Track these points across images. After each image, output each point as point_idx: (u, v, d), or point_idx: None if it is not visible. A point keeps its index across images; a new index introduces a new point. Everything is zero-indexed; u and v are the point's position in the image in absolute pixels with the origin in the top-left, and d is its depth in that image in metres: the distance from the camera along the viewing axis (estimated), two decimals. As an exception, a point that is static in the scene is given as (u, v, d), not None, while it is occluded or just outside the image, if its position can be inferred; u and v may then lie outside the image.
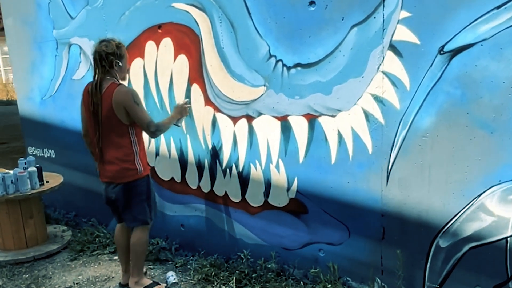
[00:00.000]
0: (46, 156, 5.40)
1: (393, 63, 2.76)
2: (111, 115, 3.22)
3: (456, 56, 2.55)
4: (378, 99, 2.86)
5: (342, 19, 2.90)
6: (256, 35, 3.29)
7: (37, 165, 4.41)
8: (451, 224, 2.76)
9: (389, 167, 2.92)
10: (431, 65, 2.63)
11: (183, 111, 3.57)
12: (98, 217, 4.87)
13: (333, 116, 3.07)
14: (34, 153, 5.55)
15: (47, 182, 4.48)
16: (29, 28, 5.08)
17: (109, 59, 3.23)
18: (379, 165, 2.95)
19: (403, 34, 2.69)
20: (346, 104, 3.00)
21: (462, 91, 2.57)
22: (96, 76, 3.27)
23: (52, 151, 5.30)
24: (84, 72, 4.59)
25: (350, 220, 3.18)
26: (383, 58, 2.79)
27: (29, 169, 4.28)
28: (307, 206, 3.36)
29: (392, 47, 2.74)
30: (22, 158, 4.55)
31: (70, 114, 4.84)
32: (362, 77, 2.89)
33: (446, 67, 2.59)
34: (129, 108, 3.20)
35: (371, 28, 2.80)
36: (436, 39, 2.60)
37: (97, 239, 4.46)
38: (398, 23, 2.70)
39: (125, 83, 3.53)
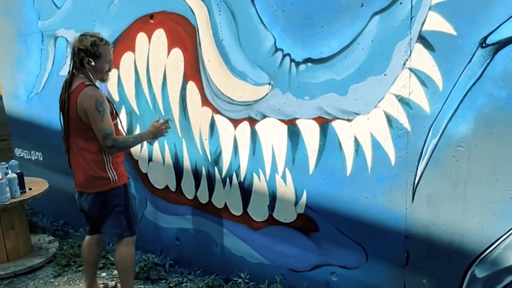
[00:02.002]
0: (33, 159, 4.99)
1: (422, 58, 2.30)
2: (76, 117, 2.90)
3: (502, 49, 2.09)
4: (404, 101, 2.40)
5: (361, 6, 2.44)
6: (260, 25, 2.84)
7: (18, 171, 3.98)
8: (491, 251, 2.31)
9: (416, 181, 2.46)
10: (469, 61, 2.17)
11: (158, 133, 3.10)
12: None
13: (349, 120, 2.62)
14: (21, 155, 5.15)
15: (30, 189, 4.06)
16: (13, 19, 4.66)
17: (80, 55, 2.86)
18: (403, 179, 2.50)
19: (435, 23, 2.23)
20: (365, 107, 2.54)
21: (508, 92, 2.10)
22: (70, 71, 2.94)
23: (40, 153, 4.90)
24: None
25: (368, 241, 2.73)
26: (411, 52, 2.33)
27: (9, 175, 3.86)
28: (318, 223, 2.91)
29: (422, 39, 2.28)
30: (4, 163, 4.14)
31: (57, 114, 4.40)
32: (385, 74, 2.43)
33: (488, 63, 2.13)
34: (89, 114, 2.82)
35: (396, 16, 2.34)
36: (476, 29, 2.13)
37: (84, 253, 4.04)
38: (429, 9, 2.24)
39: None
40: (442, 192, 2.39)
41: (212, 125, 3.26)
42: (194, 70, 3.25)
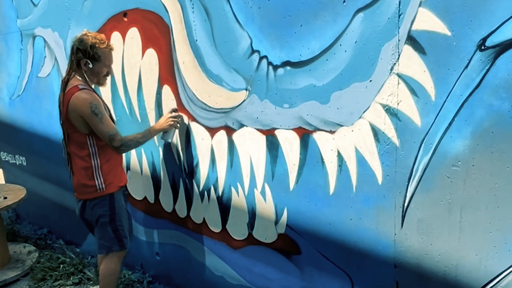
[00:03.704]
0: (18, 164, 4.78)
1: (412, 63, 1.97)
2: (67, 121, 2.75)
3: (504, 53, 1.74)
4: (391, 112, 2.08)
5: (344, 2, 2.12)
6: (235, 24, 2.54)
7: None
8: (491, 287, 1.97)
9: (405, 204, 2.14)
10: (466, 66, 1.84)
11: (166, 124, 2.91)
12: (70, 236, 4.22)
13: (331, 132, 2.30)
14: (6, 159, 4.95)
15: (5, 198, 3.82)
16: (-8, 17, 4.44)
17: (77, 55, 2.70)
18: (391, 200, 2.18)
19: (427, 21, 1.90)
20: (348, 117, 2.22)
21: (511, 103, 1.77)
22: (67, 71, 2.80)
23: (23, 158, 4.68)
24: (50, 69, 3.92)
25: (353, 268, 2.42)
26: (399, 55, 2.00)
27: (-21, 184, 3.64)
28: (300, 245, 2.60)
29: (412, 40, 1.95)
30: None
31: (39, 117, 4.19)
32: (370, 81, 2.11)
33: (488, 69, 1.79)
34: (87, 119, 2.68)
35: (382, 13, 2.02)
36: (474, 28, 1.79)
37: (61, 266, 3.80)
38: (420, 5, 1.90)
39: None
40: (435, 218, 2.06)
41: (189, 133, 2.97)
42: (169, 73, 2.96)
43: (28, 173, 4.62)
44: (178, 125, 2.95)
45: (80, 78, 2.76)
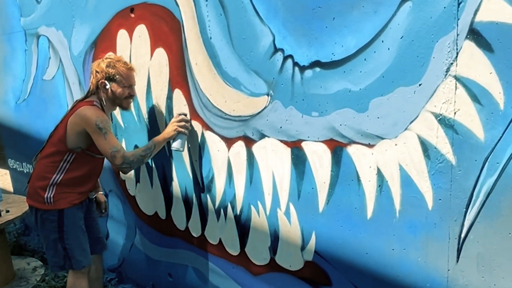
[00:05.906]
0: (25, 172, 4.50)
1: (475, 63, 1.58)
2: (62, 130, 2.61)
3: None
4: (446, 123, 1.69)
5: (387, -11, 1.75)
6: (255, 18, 2.18)
7: (-9, 192, 3.47)
8: None
9: (463, 235, 1.75)
10: (548, 66, 1.45)
11: (171, 132, 2.61)
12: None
13: (370, 145, 1.92)
14: (14, 166, 4.68)
15: (7, 211, 3.52)
16: (-4, 16, 4.17)
17: (96, 78, 2.59)
18: (445, 229, 1.79)
19: (495, 10, 1.51)
20: (391, 128, 1.84)
21: None
22: (85, 94, 2.71)
23: (30, 166, 4.39)
24: (55, 71, 3.62)
25: (395, 307, 2.04)
26: (457, 53, 1.61)
27: (-22, 198, 3.36)
28: (330, 275, 2.23)
29: (475, 34, 1.56)
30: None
31: (44, 123, 3.90)
32: (420, 85, 1.73)
33: None
34: (91, 133, 2.52)
35: (436, 1, 1.63)
36: (559, 18, 1.41)
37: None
38: (486, -9, 1.52)
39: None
40: (501, 253, 1.67)
41: (203, 143, 2.62)
42: (180, 75, 2.62)
43: (35, 182, 4.35)
44: (186, 130, 2.61)
45: (96, 100, 2.62)
